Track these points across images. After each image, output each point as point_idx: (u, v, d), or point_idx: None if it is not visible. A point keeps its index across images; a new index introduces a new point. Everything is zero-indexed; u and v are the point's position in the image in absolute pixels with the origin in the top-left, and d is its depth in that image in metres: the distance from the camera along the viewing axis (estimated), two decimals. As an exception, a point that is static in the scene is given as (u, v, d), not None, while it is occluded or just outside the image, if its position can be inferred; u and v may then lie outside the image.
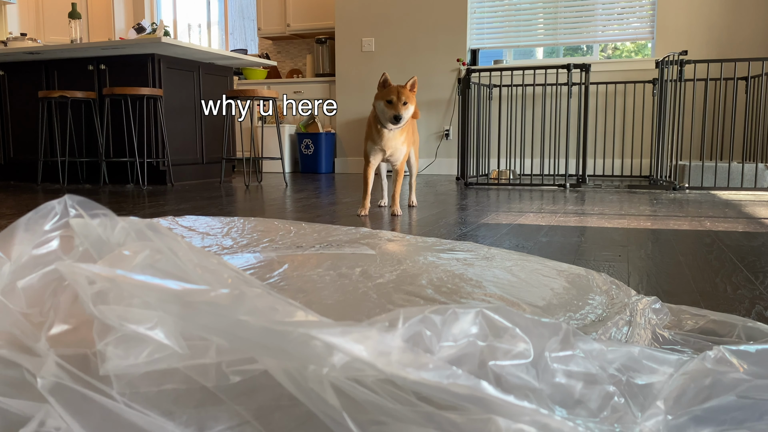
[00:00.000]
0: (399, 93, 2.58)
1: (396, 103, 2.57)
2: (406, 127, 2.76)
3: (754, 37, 5.01)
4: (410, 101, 2.60)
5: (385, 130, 2.68)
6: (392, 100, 2.58)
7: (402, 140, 2.75)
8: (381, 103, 2.62)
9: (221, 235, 1.46)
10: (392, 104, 2.58)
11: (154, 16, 7.79)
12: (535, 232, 2.28)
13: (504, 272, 1.14)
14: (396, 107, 2.57)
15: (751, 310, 1.24)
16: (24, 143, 5.15)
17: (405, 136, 2.76)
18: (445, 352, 0.49)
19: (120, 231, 0.68)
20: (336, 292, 0.97)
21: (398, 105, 2.57)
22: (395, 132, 2.70)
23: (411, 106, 2.62)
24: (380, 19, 5.99)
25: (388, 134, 2.69)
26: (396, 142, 2.73)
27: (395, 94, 2.58)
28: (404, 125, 2.69)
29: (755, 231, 2.29)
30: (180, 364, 0.58)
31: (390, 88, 2.62)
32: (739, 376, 0.59)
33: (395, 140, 2.72)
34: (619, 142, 5.36)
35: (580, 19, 5.46)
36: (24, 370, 0.59)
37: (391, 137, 2.71)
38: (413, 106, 2.64)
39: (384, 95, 2.61)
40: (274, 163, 6.45)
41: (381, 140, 2.71)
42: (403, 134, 2.75)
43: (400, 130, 2.71)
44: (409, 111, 2.62)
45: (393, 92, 2.59)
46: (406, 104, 2.59)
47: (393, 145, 2.73)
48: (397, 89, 2.60)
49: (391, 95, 2.59)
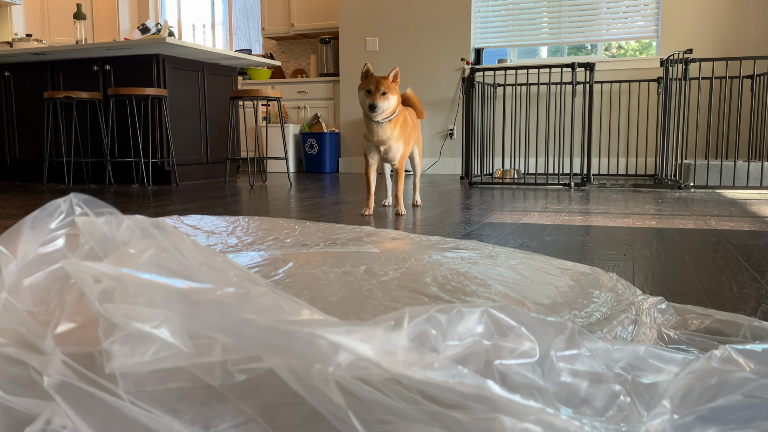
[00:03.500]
0: (378, 83, 2.57)
1: (374, 93, 2.57)
2: (399, 122, 2.73)
3: (759, 35, 4.98)
4: (390, 91, 2.59)
5: (373, 124, 2.67)
6: (371, 89, 2.58)
7: (396, 136, 2.72)
8: (362, 93, 2.62)
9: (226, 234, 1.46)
10: (370, 93, 2.58)
11: (159, 16, 7.81)
12: (540, 231, 2.27)
13: (508, 270, 1.13)
14: (373, 96, 2.57)
15: (757, 309, 1.23)
16: (29, 144, 5.17)
17: (399, 131, 2.74)
18: (450, 351, 0.49)
19: (125, 229, 0.68)
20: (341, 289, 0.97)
21: (376, 94, 2.56)
22: (384, 125, 2.68)
23: (392, 96, 2.60)
24: (384, 18, 5.99)
25: (378, 127, 2.68)
26: (388, 137, 2.70)
27: (374, 84, 2.58)
28: (392, 117, 2.67)
29: (761, 230, 2.28)
30: (185, 363, 0.58)
31: (371, 78, 2.62)
32: (745, 375, 0.59)
33: (386, 134, 2.69)
34: (623, 141, 5.35)
35: (585, 17, 5.45)
36: (30, 368, 0.59)
37: (381, 131, 2.68)
38: (395, 97, 2.62)
39: (364, 85, 2.61)
40: (278, 163, 6.45)
41: (372, 135, 2.70)
42: (396, 129, 2.72)
43: (392, 123, 2.69)
44: (389, 101, 2.60)
45: (372, 82, 2.59)
46: (386, 94, 2.58)
47: (385, 139, 2.70)
48: (376, 79, 2.59)
49: (370, 85, 2.59)
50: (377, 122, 2.66)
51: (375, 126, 2.67)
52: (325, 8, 6.56)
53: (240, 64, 5.36)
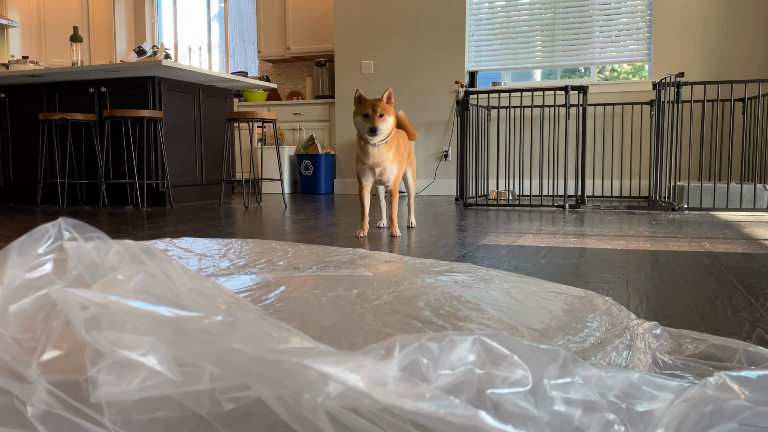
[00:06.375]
0: (374, 106, 2.60)
1: (372, 116, 2.59)
2: (394, 144, 2.74)
3: (750, 59, 5.05)
4: (387, 113, 2.61)
5: (369, 146, 2.68)
6: (368, 113, 2.60)
7: (390, 158, 2.73)
8: (359, 118, 2.63)
9: (218, 257, 1.45)
10: (368, 117, 2.60)
11: (155, 39, 7.86)
12: (534, 254, 2.27)
13: (502, 294, 1.13)
14: (372, 119, 2.59)
15: (751, 334, 1.22)
16: (24, 165, 5.16)
17: (393, 153, 2.74)
18: (442, 381, 0.48)
19: (114, 254, 0.67)
20: (332, 314, 0.96)
21: (374, 117, 2.58)
22: (380, 147, 2.68)
23: (389, 117, 2.62)
24: (379, 41, 6.05)
25: (373, 150, 2.69)
26: (383, 159, 2.71)
27: (371, 108, 2.60)
28: (388, 139, 2.68)
29: (755, 252, 2.29)
30: (173, 391, 0.57)
31: (365, 102, 2.63)
32: (740, 403, 0.59)
33: (382, 156, 2.70)
34: (617, 163, 5.38)
35: (578, 41, 5.51)
36: (14, 397, 0.58)
37: (377, 153, 2.69)
38: (392, 118, 2.64)
39: (360, 110, 2.63)
40: (273, 184, 6.46)
41: (367, 158, 2.71)
42: (391, 151, 2.73)
43: (387, 145, 2.70)
44: (387, 123, 2.62)
45: (368, 106, 2.61)
46: (383, 116, 2.60)
47: (380, 161, 2.71)
48: (372, 103, 2.61)
49: (366, 109, 2.61)
50: (373, 145, 2.67)
51: (371, 149, 2.68)
52: (320, 31, 6.62)
53: (236, 86, 5.39)
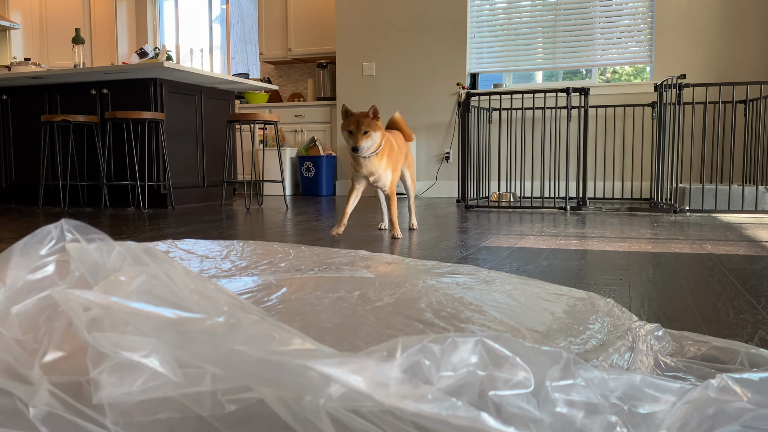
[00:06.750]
0: (359, 123, 2.54)
1: (355, 134, 2.54)
2: (386, 152, 2.72)
3: (752, 61, 5.04)
4: (372, 129, 2.56)
5: (360, 158, 2.67)
6: (352, 130, 2.55)
7: (383, 165, 2.71)
8: (345, 133, 2.60)
9: (220, 258, 1.45)
10: (352, 134, 2.56)
11: (157, 41, 7.88)
12: (536, 256, 2.27)
13: (504, 296, 1.13)
14: (355, 137, 2.54)
15: (753, 335, 1.22)
16: (26, 167, 5.17)
17: (386, 161, 2.72)
18: (444, 383, 0.48)
19: (116, 256, 0.67)
20: (334, 315, 0.96)
21: (357, 135, 2.54)
22: (372, 159, 2.66)
23: (375, 133, 2.57)
24: (381, 43, 6.05)
25: (365, 161, 2.67)
26: (375, 168, 2.70)
27: (354, 125, 2.54)
28: (378, 151, 2.67)
29: (757, 254, 2.28)
30: (175, 393, 0.57)
31: (350, 118, 2.58)
32: (742, 406, 0.58)
33: (374, 166, 2.69)
34: (619, 165, 5.38)
35: (579, 43, 5.51)
36: (16, 398, 0.58)
37: (369, 164, 2.68)
38: (378, 133, 2.59)
39: (345, 125, 2.59)
40: (275, 186, 6.46)
41: (360, 168, 2.70)
42: (383, 159, 2.71)
43: (378, 156, 2.68)
44: (371, 139, 2.57)
45: (353, 123, 2.55)
46: (367, 133, 2.54)
47: (373, 170, 2.70)
48: (357, 119, 2.55)
49: (351, 125, 2.56)
50: (364, 157, 2.66)
51: (362, 160, 2.68)
52: (322, 33, 6.63)
53: (237, 88, 5.39)
